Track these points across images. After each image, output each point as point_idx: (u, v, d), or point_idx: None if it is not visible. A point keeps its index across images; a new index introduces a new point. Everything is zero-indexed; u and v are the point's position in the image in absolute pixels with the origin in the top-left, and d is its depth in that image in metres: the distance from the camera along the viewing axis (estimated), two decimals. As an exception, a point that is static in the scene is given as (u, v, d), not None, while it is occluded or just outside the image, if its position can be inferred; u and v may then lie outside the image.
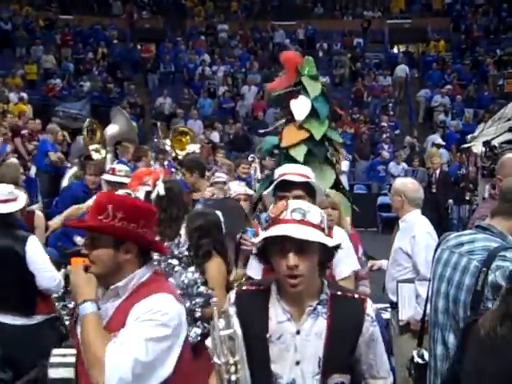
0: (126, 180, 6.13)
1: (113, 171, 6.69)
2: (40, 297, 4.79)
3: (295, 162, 6.31)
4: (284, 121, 7.15)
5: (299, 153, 6.79)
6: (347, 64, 24.53)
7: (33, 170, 11.84)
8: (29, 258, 4.73)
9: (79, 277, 2.66)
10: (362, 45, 26.19)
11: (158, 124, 10.46)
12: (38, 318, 4.82)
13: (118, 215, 2.60)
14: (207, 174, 7.48)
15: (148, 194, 4.70)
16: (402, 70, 23.89)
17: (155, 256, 4.35)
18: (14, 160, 8.82)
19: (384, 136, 19.43)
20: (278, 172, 4.05)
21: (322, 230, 2.55)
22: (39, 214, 5.97)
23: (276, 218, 2.56)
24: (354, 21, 27.64)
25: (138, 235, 2.64)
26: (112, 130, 9.46)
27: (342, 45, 26.15)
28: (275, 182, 3.93)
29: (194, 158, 7.67)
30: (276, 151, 7.28)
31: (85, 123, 9.80)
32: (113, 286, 2.67)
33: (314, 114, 6.99)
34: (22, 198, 5.00)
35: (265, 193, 4.30)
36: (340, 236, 3.96)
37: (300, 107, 7.02)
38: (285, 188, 3.79)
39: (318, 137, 6.90)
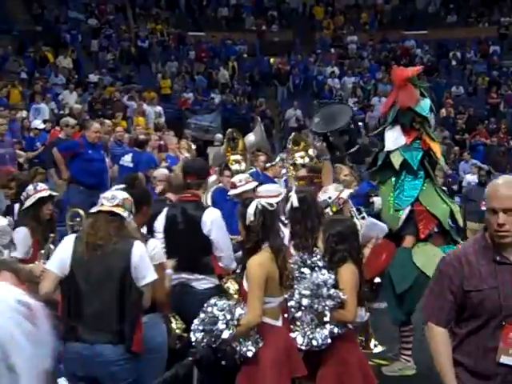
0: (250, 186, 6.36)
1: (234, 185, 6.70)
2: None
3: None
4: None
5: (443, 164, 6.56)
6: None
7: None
8: None
9: None
10: (498, 52, 25.06)
11: (292, 134, 10.37)
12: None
13: None
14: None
15: None
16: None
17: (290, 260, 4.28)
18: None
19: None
20: None
21: None
22: None
23: None
24: (489, 28, 26.52)
25: None
26: (248, 139, 9.58)
27: (477, 53, 25.16)
28: None
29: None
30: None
31: (227, 133, 9.94)
32: None
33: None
34: None
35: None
36: None
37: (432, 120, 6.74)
38: None
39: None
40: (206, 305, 3.96)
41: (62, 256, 4.01)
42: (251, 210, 4.07)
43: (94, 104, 18.18)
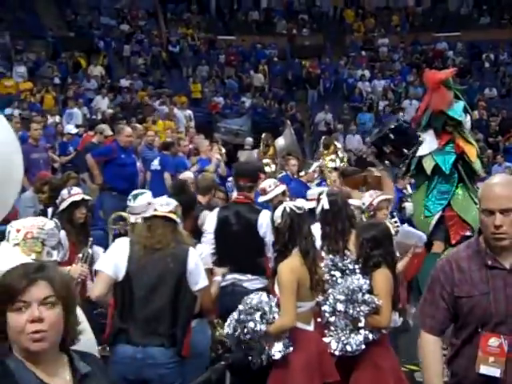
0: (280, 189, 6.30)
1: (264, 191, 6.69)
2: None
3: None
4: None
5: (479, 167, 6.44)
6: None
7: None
8: None
9: None
10: (532, 54, 24.72)
11: (323, 138, 10.46)
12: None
13: None
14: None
15: None
16: None
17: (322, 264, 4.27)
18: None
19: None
20: None
21: None
22: None
23: None
24: (523, 29, 26.16)
25: None
26: (278, 143, 9.66)
27: (511, 54, 24.81)
28: None
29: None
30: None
31: (262, 137, 10.09)
32: None
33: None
34: None
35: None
36: None
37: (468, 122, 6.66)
38: None
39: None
40: (245, 297, 4.00)
41: (116, 259, 4.02)
42: (278, 212, 4.09)
43: (115, 108, 18.34)
